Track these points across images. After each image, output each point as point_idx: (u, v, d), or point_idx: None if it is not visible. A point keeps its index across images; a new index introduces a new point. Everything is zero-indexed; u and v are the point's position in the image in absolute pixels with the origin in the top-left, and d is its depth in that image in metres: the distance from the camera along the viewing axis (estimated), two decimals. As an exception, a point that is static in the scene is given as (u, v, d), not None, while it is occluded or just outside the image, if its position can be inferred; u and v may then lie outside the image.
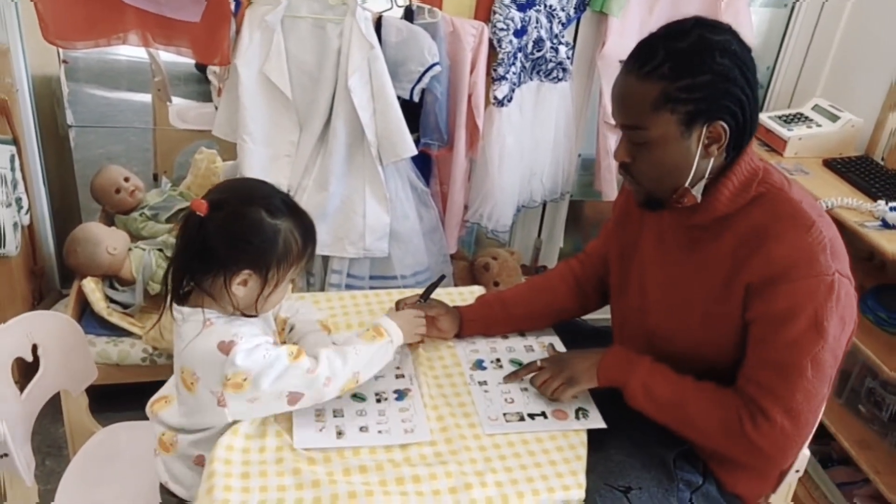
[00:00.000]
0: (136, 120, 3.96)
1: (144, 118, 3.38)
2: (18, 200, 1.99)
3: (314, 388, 1.26)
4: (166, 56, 3.25)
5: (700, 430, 1.31)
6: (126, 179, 2.41)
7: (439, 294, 1.78)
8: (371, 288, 2.24)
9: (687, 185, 1.27)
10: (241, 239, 1.20)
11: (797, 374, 1.21)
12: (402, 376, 1.50)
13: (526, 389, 1.49)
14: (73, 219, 2.39)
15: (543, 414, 1.43)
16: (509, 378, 1.50)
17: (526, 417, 1.42)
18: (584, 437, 1.39)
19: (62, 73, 3.73)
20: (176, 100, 3.44)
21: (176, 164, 3.27)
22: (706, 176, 1.26)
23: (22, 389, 1.40)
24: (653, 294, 1.42)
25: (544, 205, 2.59)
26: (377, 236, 2.17)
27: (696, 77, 1.18)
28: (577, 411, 1.44)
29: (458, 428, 1.38)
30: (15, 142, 1.97)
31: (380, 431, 1.34)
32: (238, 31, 2.01)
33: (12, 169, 1.95)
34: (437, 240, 2.32)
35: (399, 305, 1.59)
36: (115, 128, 3.77)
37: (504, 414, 1.42)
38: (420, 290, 1.78)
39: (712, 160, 1.25)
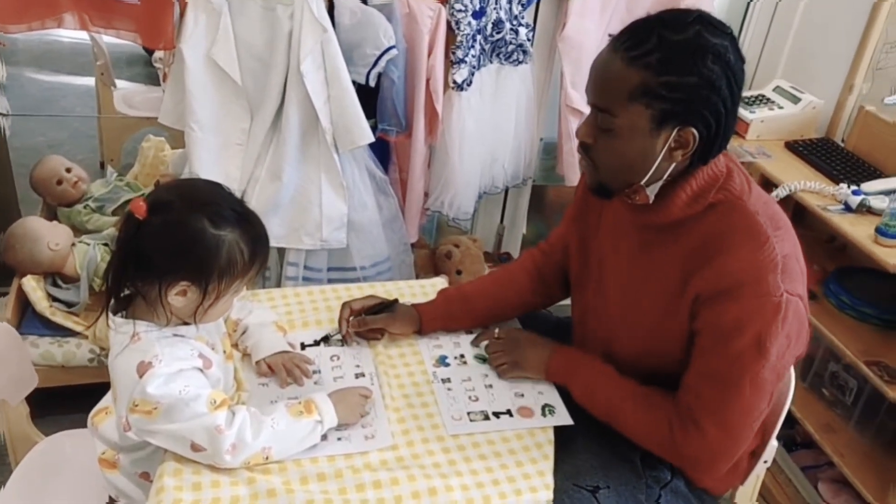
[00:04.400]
0: (80, 105, 3.80)
1: (90, 103, 3.24)
2: (-53, 196, 1.87)
3: (215, 450, 1.14)
4: (109, 38, 3.12)
5: (633, 434, 1.32)
6: (68, 170, 2.30)
7: (400, 288, 1.73)
8: (329, 280, 2.17)
9: (642, 183, 1.22)
10: (179, 248, 1.11)
11: (735, 390, 1.20)
12: (363, 375, 1.44)
13: (490, 386, 1.45)
14: (12, 213, 2.27)
15: (509, 412, 1.39)
16: (475, 340, 1.54)
17: (491, 416, 1.38)
18: (551, 434, 1.35)
19: (-2, 57, 3.56)
20: (122, 83, 3.30)
21: (123, 152, 3.14)
22: (664, 178, 1.22)
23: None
24: (609, 293, 1.39)
25: (506, 191, 2.54)
26: (334, 227, 2.10)
27: (682, 77, 1.12)
28: (543, 408, 1.40)
29: (420, 430, 1.33)
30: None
31: (339, 438, 1.28)
32: (182, 14, 1.90)
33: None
34: (396, 229, 2.26)
35: (344, 308, 1.52)
36: (53, 116, 3.60)
37: (468, 413, 1.38)
38: (381, 281, 1.73)
39: (674, 164, 1.20)
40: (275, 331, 1.43)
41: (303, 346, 1.49)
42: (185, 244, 1.10)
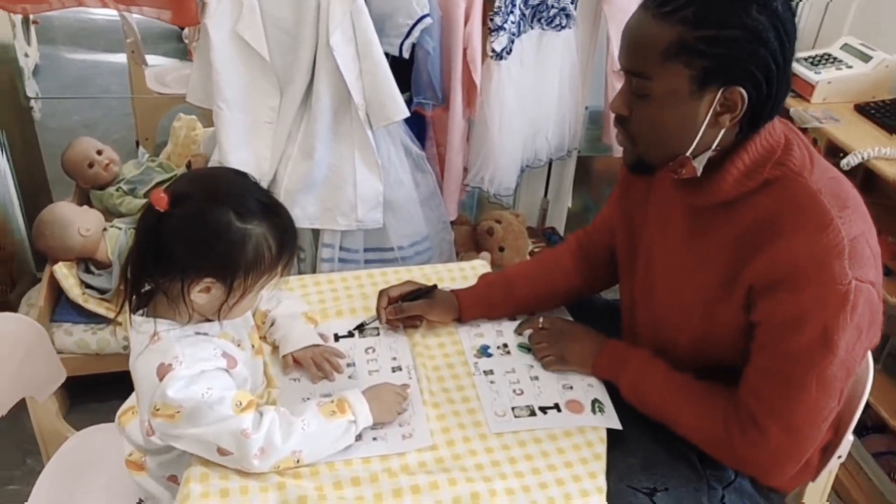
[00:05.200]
0: (115, 83, 3.76)
1: (125, 81, 3.19)
2: (-27, 183, 1.83)
3: (243, 454, 1.08)
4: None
5: (689, 435, 1.22)
6: (99, 152, 2.25)
7: (439, 272, 1.63)
8: (366, 262, 2.09)
9: (688, 154, 1.10)
10: (202, 243, 1.03)
11: (800, 390, 1.08)
12: (399, 369, 1.35)
13: (536, 378, 1.35)
14: (43, 198, 2.23)
15: (557, 406, 1.30)
16: (519, 328, 1.45)
17: (537, 411, 1.28)
18: (604, 432, 1.26)
19: (31, 37, 3.53)
20: (154, 60, 3.24)
21: (159, 130, 3.09)
22: (712, 148, 1.09)
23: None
24: (657, 279, 1.28)
25: (550, 163, 2.41)
26: (370, 206, 2.00)
27: (722, 29, 0.99)
28: (593, 404, 1.31)
29: (461, 428, 1.25)
30: (-33, 120, 1.80)
31: (374, 438, 1.20)
32: (206, -13, 1.81)
33: (-36, 149, 1.78)
34: (435, 206, 2.16)
35: (382, 297, 1.43)
36: (81, 98, 3.57)
37: (513, 408, 1.29)
38: (420, 264, 1.64)
39: (722, 132, 1.07)
40: (304, 322, 1.35)
41: (336, 338, 1.42)
42: (210, 238, 1.03)
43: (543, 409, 1.29)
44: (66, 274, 1.91)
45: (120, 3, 1.85)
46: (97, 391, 1.85)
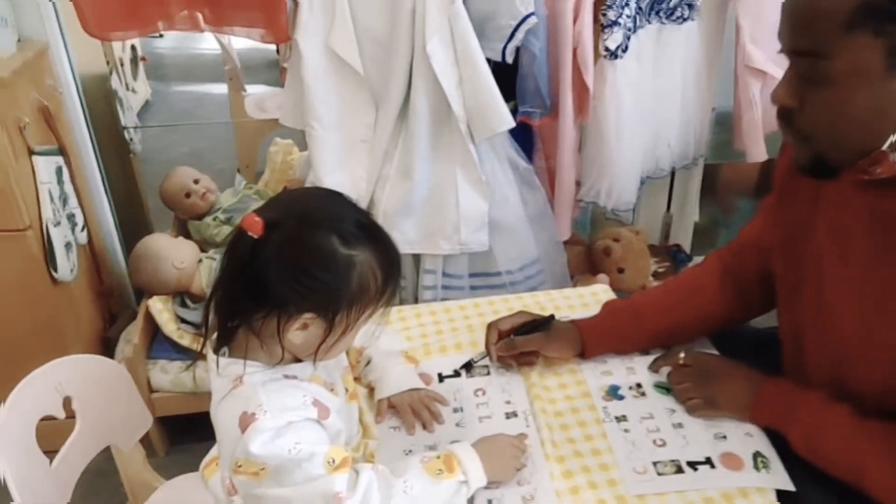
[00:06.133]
0: (219, 113, 3.80)
1: (227, 110, 3.20)
2: (71, 217, 1.78)
3: None
4: (239, 43, 3.05)
5: (883, 498, 0.96)
6: (196, 182, 2.18)
7: (554, 299, 1.44)
8: (471, 288, 1.91)
9: (885, 147, 0.87)
10: (304, 273, 0.89)
11: None
12: (515, 415, 1.16)
13: (680, 426, 1.13)
14: (144, 230, 2.18)
15: (709, 461, 1.07)
16: (654, 365, 1.24)
17: (685, 467, 1.06)
18: (772, 495, 1.01)
19: (139, 72, 3.61)
20: (254, 88, 3.21)
21: (260, 157, 3.05)
22: None
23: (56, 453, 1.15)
24: (837, 307, 1.03)
25: (673, 173, 2.16)
26: (474, 227, 1.83)
27: None
28: (754, 458, 1.07)
29: (593, 488, 1.04)
30: (62, 152, 1.76)
31: (489, 501, 1.01)
32: (296, 2, 1.71)
33: (60, 182, 1.73)
34: (546, 225, 1.96)
35: (491, 331, 1.25)
36: (180, 125, 3.60)
37: (654, 463, 1.07)
38: (530, 289, 1.46)
39: None
40: (403, 362, 1.19)
41: (441, 378, 1.24)
42: (312, 267, 0.89)
43: (693, 465, 1.06)
44: (160, 309, 1.84)
45: (210, 24, 1.77)
46: (197, 430, 1.75)
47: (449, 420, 1.15)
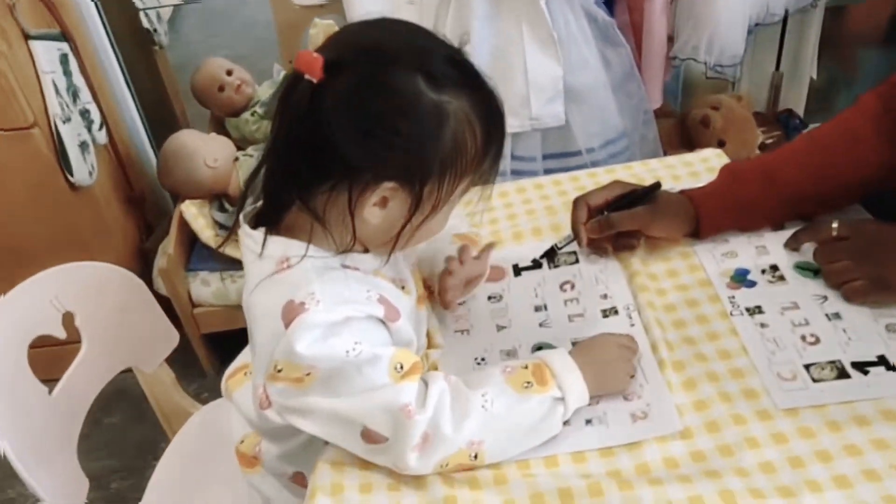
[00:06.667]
0: (262, 11, 3.53)
1: (267, 7, 2.93)
2: (85, 114, 1.56)
3: (399, 442, 0.71)
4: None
5: None
6: (229, 73, 1.95)
7: (652, 169, 1.15)
8: (546, 171, 1.63)
9: None
10: (381, 126, 0.67)
11: None
12: (615, 311, 0.92)
13: (838, 316, 0.86)
14: (177, 126, 1.97)
15: (883, 361, 0.80)
16: (794, 240, 0.95)
17: (850, 370, 0.79)
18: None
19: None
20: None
21: (303, 47, 2.79)
22: None
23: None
24: None
25: (785, 19, 1.78)
26: (547, 97, 1.54)
27: None
28: (949, 354, 0.79)
29: (726, 401, 0.79)
30: (66, 37, 1.52)
31: (589, 421, 0.78)
32: None
33: (66, 73, 1.50)
34: (632, 92, 1.65)
35: (579, 207, 0.98)
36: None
37: (807, 367, 0.81)
38: (618, 166, 1.19)
39: None
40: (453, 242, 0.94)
41: (517, 271, 1.00)
42: (391, 118, 0.66)
43: (861, 367, 0.80)
44: (195, 214, 1.63)
45: None
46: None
47: (531, 320, 0.91)
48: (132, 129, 1.83)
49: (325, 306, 0.68)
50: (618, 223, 0.96)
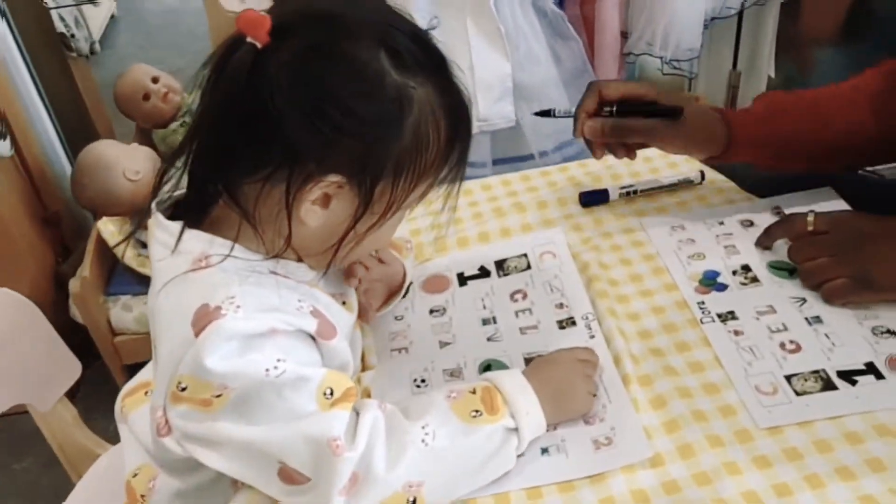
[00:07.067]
0: (197, 24, 3.43)
1: (205, 19, 2.84)
2: (-18, 125, 1.42)
3: (323, 483, 0.58)
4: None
5: None
6: (154, 80, 1.82)
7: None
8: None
9: None
10: (335, 105, 0.56)
11: None
12: (572, 322, 0.81)
13: (818, 320, 0.77)
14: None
15: (871, 369, 0.72)
16: (765, 237, 0.86)
17: (836, 380, 0.71)
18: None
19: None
20: (230, -17, 2.81)
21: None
22: None
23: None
24: None
25: (741, 13, 1.71)
26: (495, 96, 1.46)
27: None
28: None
29: (699, 420, 0.69)
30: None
31: (545, 451, 0.67)
32: None
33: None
34: (585, 88, 1.56)
35: (590, 94, 0.89)
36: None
37: (788, 378, 0.72)
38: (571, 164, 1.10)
39: None
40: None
41: (462, 280, 0.89)
42: (346, 96, 0.56)
43: (847, 376, 0.71)
44: (112, 232, 1.50)
45: None
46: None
47: (478, 334, 0.81)
48: (45, 142, 1.69)
49: (246, 313, 0.57)
50: (628, 132, 0.87)
